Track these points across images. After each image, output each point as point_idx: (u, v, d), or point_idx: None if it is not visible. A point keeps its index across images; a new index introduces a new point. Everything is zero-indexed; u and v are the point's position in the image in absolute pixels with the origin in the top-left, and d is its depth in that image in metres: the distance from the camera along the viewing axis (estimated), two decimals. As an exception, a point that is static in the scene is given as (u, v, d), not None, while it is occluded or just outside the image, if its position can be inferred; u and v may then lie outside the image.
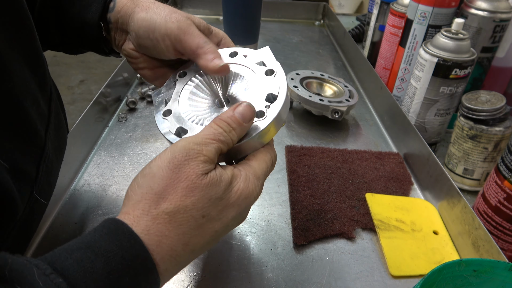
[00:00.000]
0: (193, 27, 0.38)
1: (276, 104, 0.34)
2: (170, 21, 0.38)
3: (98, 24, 0.42)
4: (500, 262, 0.32)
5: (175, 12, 0.40)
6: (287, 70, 0.89)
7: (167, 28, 0.38)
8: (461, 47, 0.56)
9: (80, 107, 2.23)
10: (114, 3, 0.42)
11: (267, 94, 0.35)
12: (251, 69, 0.38)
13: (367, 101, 0.80)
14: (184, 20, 0.38)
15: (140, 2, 0.41)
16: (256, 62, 0.38)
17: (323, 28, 1.21)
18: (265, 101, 0.35)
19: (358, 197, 0.53)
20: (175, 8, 0.41)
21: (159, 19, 0.38)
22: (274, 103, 0.34)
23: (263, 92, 0.35)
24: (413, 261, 0.45)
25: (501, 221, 0.46)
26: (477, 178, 0.57)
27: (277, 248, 0.46)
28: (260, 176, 0.32)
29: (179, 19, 0.38)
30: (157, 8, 0.40)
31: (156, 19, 0.38)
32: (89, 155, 0.59)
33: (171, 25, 0.38)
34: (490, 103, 0.53)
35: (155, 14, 0.39)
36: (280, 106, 0.34)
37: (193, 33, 0.38)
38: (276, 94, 0.35)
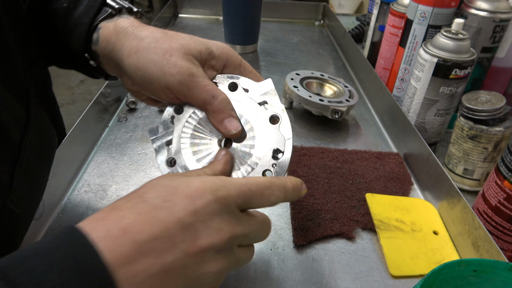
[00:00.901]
0: (195, 75, 0.34)
1: (283, 161, 0.33)
2: (169, 74, 0.33)
3: (83, 56, 0.38)
4: (500, 262, 0.32)
5: (171, 53, 0.34)
6: (287, 70, 0.90)
7: (167, 82, 0.34)
8: (461, 47, 0.56)
9: (80, 107, 2.23)
10: (98, 36, 0.37)
11: (273, 150, 0.34)
12: (254, 111, 0.35)
13: (367, 101, 0.80)
14: (184, 67, 0.34)
15: (126, 38, 0.36)
16: (258, 101, 0.36)
17: (323, 28, 1.21)
18: (272, 159, 0.33)
19: (358, 197, 0.53)
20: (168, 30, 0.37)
21: (155, 70, 0.34)
22: (280, 160, 0.33)
23: (269, 146, 0.34)
24: (413, 261, 0.45)
25: (501, 221, 0.46)
26: (477, 178, 0.57)
27: (277, 248, 0.46)
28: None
29: (179, 70, 0.33)
30: (148, 50, 0.34)
31: (152, 70, 0.34)
32: (89, 155, 0.59)
33: (170, 78, 0.33)
34: (490, 103, 0.53)
35: (148, 61, 0.34)
36: (286, 167, 0.33)
37: (198, 86, 0.34)
38: (282, 150, 0.34)
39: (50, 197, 0.48)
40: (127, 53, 0.35)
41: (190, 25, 1.16)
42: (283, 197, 0.31)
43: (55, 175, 0.49)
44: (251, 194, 0.29)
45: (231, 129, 0.34)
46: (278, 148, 0.33)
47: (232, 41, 0.97)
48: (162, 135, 0.36)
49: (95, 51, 0.38)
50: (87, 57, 0.38)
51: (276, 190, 0.30)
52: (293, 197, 0.32)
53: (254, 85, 0.36)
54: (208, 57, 0.36)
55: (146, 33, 0.36)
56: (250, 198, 0.29)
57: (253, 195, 0.29)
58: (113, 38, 0.36)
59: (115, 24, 0.37)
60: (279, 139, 0.34)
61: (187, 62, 0.34)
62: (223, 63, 0.38)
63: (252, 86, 0.36)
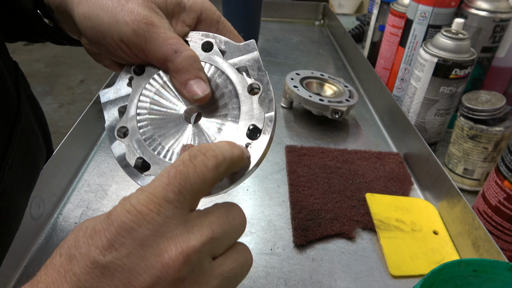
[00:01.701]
0: (155, 24, 0.28)
1: (259, 143, 0.27)
2: (123, 22, 0.27)
3: (35, 13, 0.33)
4: (500, 262, 0.32)
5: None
6: (287, 70, 0.90)
7: (120, 33, 0.28)
8: (461, 47, 0.56)
9: (80, 107, 2.23)
10: None
11: (248, 126, 0.27)
12: (230, 77, 0.29)
13: (367, 101, 0.80)
14: (142, 14, 0.28)
15: None
16: (237, 66, 0.29)
17: (323, 28, 1.21)
18: (246, 137, 0.27)
19: (358, 197, 0.53)
20: None
21: (107, 18, 0.28)
22: (257, 141, 0.27)
23: (245, 122, 0.27)
24: (413, 261, 0.45)
25: (501, 221, 0.46)
26: (477, 178, 0.57)
27: (277, 248, 0.46)
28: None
29: (135, 17, 0.28)
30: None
31: (103, 18, 0.28)
32: (89, 155, 0.59)
33: (124, 28, 0.27)
34: (490, 103, 0.53)
35: (100, 8, 0.28)
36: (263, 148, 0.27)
37: (158, 38, 0.28)
38: (261, 128, 0.27)
39: (50, 197, 0.48)
40: (78, 1, 0.29)
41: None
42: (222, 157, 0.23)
43: (55, 175, 0.49)
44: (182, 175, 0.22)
45: (197, 91, 0.27)
46: (255, 124, 0.27)
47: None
48: (116, 99, 0.30)
49: (48, 4, 0.33)
50: (39, 15, 0.33)
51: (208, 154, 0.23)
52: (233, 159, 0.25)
53: (234, 46, 0.30)
54: (177, 9, 0.30)
55: None
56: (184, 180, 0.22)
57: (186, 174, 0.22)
58: None
59: None
60: (258, 114, 0.27)
61: (146, 10, 0.28)
62: (196, 16, 0.31)
63: (231, 48, 0.30)
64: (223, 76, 0.29)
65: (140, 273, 0.20)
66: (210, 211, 0.23)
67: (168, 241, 0.21)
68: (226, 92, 0.29)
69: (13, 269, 0.41)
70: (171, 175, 0.22)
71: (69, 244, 0.21)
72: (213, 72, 0.30)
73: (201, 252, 0.21)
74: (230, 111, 0.28)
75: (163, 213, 0.21)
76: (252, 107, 0.28)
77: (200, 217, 0.23)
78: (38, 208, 0.45)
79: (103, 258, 0.19)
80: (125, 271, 0.20)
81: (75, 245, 0.20)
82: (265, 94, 0.28)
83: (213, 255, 0.23)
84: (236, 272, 0.23)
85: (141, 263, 0.20)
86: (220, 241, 0.23)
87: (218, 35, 0.31)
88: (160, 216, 0.21)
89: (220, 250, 0.23)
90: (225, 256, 0.23)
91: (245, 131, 0.27)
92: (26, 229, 0.43)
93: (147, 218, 0.20)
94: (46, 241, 0.45)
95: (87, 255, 0.20)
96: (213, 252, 0.23)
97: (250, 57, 0.30)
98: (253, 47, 0.30)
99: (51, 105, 2.24)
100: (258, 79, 0.29)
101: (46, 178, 0.47)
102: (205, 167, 0.22)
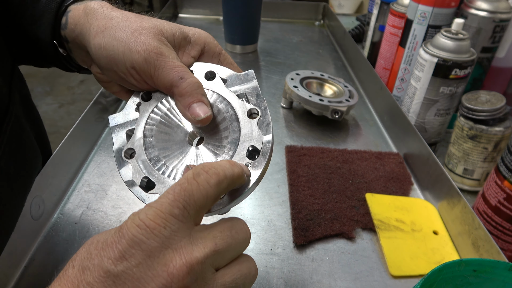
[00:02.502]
0: (164, 54, 0.31)
1: (258, 162, 0.29)
2: (136, 51, 0.30)
3: (51, 42, 0.36)
4: (500, 262, 0.32)
5: (140, 32, 0.31)
6: (287, 70, 0.90)
7: (132, 61, 0.31)
8: (461, 47, 0.56)
9: (80, 107, 2.23)
10: (66, 19, 0.35)
11: (248, 148, 0.29)
12: (231, 103, 0.31)
13: (367, 101, 0.80)
14: (152, 45, 0.31)
15: (95, 18, 0.33)
16: (237, 93, 0.32)
17: (323, 28, 1.21)
18: (246, 157, 0.29)
19: (358, 197, 0.53)
20: (144, 16, 0.34)
21: (121, 48, 0.31)
22: (256, 161, 0.29)
23: (244, 144, 0.29)
24: (413, 261, 0.45)
25: (501, 221, 0.46)
26: (477, 178, 0.57)
27: (277, 248, 0.46)
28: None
29: (146, 48, 0.30)
30: (116, 28, 0.32)
31: (118, 48, 0.31)
32: (89, 155, 0.59)
33: (136, 56, 0.30)
34: (490, 103, 0.53)
35: (115, 39, 0.31)
36: (262, 167, 0.29)
37: (165, 65, 0.30)
38: (259, 149, 0.29)
39: (50, 197, 0.48)
40: (94, 33, 0.32)
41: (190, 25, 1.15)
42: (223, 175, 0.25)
43: (55, 175, 0.49)
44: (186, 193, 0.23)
45: (200, 113, 0.29)
46: (254, 145, 0.29)
47: (232, 41, 0.97)
48: (124, 123, 0.32)
49: (64, 36, 0.36)
50: (55, 44, 0.36)
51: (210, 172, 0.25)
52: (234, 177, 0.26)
53: (234, 76, 0.33)
54: (183, 42, 0.34)
55: (117, 14, 0.33)
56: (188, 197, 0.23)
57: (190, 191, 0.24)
58: (81, 20, 0.34)
59: (85, 6, 0.35)
60: (257, 136, 0.30)
61: (156, 41, 0.31)
62: (200, 49, 0.34)
63: (231, 77, 0.33)
64: (225, 102, 0.31)
65: (148, 281, 0.21)
66: (214, 225, 0.25)
67: (174, 252, 0.22)
68: (227, 117, 0.31)
69: (13, 269, 0.41)
70: (177, 192, 0.23)
71: (81, 256, 0.22)
72: (215, 98, 0.32)
73: (204, 263, 0.23)
74: (230, 133, 0.30)
75: (169, 227, 0.22)
76: (251, 130, 0.30)
77: (204, 231, 0.24)
78: (38, 208, 0.45)
79: (115, 268, 0.21)
80: (135, 279, 0.21)
81: (88, 257, 0.22)
82: (263, 118, 0.31)
83: (216, 266, 0.24)
84: (238, 282, 0.24)
85: (149, 273, 0.21)
86: (223, 253, 0.24)
87: (220, 66, 0.34)
88: (166, 230, 0.22)
89: (223, 262, 0.24)
90: (228, 267, 0.25)
91: (245, 152, 0.29)
92: (26, 229, 0.43)
93: (155, 231, 0.22)
94: (46, 241, 0.45)
95: (100, 266, 0.21)
96: (216, 264, 0.24)
97: (249, 85, 0.32)
98: (252, 76, 0.33)
99: (51, 105, 2.24)
100: (257, 105, 0.31)
101: (46, 178, 0.47)
102: (207, 184, 0.24)
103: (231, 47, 0.98)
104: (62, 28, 0.35)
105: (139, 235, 0.22)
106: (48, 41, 0.36)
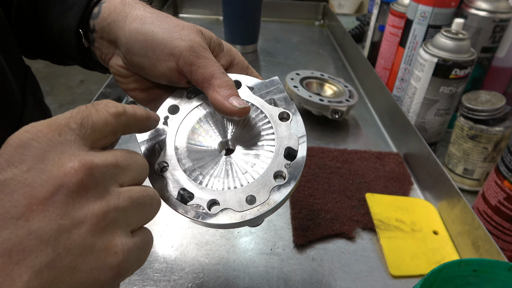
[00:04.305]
0: (207, 49, 0.31)
1: (297, 162, 0.29)
2: (179, 38, 0.31)
3: (76, 32, 0.35)
4: (500, 262, 0.32)
5: (182, 27, 0.32)
6: (287, 70, 0.90)
7: (174, 46, 0.30)
8: (461, 47, 0.56)
9: (80, 107, 2.22)
10: (100, 9, 0.35)
11: (285, 149, 0.30)
12: (260, 108, 0.32)
13: (367, 101, 0.80)
14: (197, 39, 0.31)
15: (133, 8, 0.33)
16: (265, 99, 0.32)
17: (323, 28, 1.21)
18: (284, 159, 0.30)
19: (358, 197, 0.53)
20: (178, 18, 0.34)
21: (162, 33, 0.31)
22: (294, 161, 0.29)
23: (281, 145, 0.30)
24: (413, 261, 0.45)
25: (501, 221, 0.46)
26: (477, 178, 0.57)
27: (277, 248, 0.46)
28: None
29: (192, 37, 0.31)
30: (156, 19, 0.32)
31: (158, 33, 0.31)
32: (89, 155, 0.59)
33: (180, 43, 0.30)
34: (490, 103, 0.53)
35: (156, 26, 0.31)
36: (301, 167, 0.29)
37: (209, 57, 0.31)
38: (296, 149, 0.30)
39: (50, 197, 0.48)
40: (131, 20, 0.32)
41: (190, 25, 1.16)
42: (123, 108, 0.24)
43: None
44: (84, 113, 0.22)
45: (239, 103, 0.30)
46: (291, 146, 0.30)
47: (232, 41, 0.97)
48: (153, 137, 0.31)
49: (93, 26, 0.35)
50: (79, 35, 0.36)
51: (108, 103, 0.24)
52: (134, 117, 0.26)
53: (260, 83, 0.34)
54: (217, 48, 0.34)
55: (156, 10, 0.34)
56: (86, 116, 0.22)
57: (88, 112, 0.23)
58: (118, 9, 0.34)
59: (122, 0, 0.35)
60: (291, 137, 0.30)
61: (199, 37, 0.32)
62: (230, 60, 0.35)
63: (257, 85, 0.34)
64: (254, 108, 0.32)
65: (42, 184, 0.19)
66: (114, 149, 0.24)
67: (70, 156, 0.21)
68: (259, 121, 0.32)
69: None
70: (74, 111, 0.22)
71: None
72: None
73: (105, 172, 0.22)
74: (265, 137, 0.31)
75: (64, 136, 0.21)
76: (284, 132, 0.31)
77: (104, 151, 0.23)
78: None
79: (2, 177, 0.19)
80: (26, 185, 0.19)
81: None
82: (295, 119, 0.31)
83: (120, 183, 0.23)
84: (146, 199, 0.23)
85: (43, 175, 0.20)
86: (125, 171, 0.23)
87: (244, 75, 0.34)
88: (61, 137, 0.21)
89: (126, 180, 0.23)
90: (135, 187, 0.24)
91: (282, 154, 0.30)
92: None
93: (48, 136, 0.20)
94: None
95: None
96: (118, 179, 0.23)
97: (276, 90, 0.33)
98: (278, 82, 0.33)
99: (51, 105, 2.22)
100: (287, 108, 0.32)
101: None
102: (106, 112, 0.23)
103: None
104: (92, 17, 0.35)
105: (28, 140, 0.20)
106: (74, 31, 0.35)
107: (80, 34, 0.36)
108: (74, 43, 0.36)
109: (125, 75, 0.35)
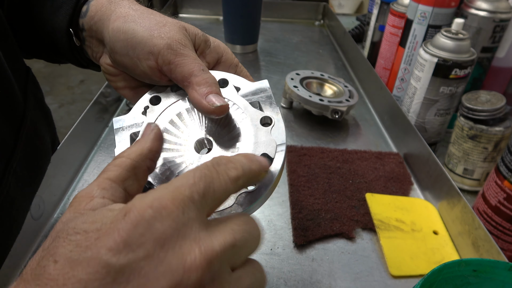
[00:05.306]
0: (187, 47, 0.31)
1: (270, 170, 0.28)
2: (158, 37, 0.30)
3: (67, 31, 0.35)
4: (500, 262, 0.32)
5: (164, 24, 0.31)
6: (287, 70, 0.90)
7: (153, 45, 0.30)
8: (461, 47, 0.56)
9: (80, 107, 2.23)
10: (88, 7, 0.35)
11: (261, 155, 0.28)
12: (243, 110, 0.31)
13: (367, 101, 0.80)
14: (177, 36, 0.30)
15: (118, 6, 0.33)
16: (250, 101, 0.31)
17: (323, 28, 1.21)
18: None
19: (358, 197, 0.53)
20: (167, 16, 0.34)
21: (142, 32, 0.30)
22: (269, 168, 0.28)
23: (256, 151, 0.29)
24: (413, 261, 0.45)
25: (501, 221, 0.46)
26: (477, 178, 0.57)
27: (277, 248, 0.46)
28: None
29: (171, 34, 0.30)
30: (139, 17, 0.31)
31: (138, 31, 0.30)
32: (89, 155, 0.59)
33: (158, 41, 0.30)
34: (490, 103, 0.53)
35: (137, 24, 0.31)
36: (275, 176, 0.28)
37: (188, 54, 0.30)
38: (272, 157, 0.28)
39: (50, 197, 0.48)
40: (114, 18, 0.32)
41: (190, 25, 1.16)
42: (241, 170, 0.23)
43: (55, 175, 0.49)
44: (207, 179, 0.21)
45: (216, 101, 0.28)
46: (267, 153, 0.28)
47: (232, 41, 0.97)
48: (129, 126, 0.30)
49: (82, 25, 0.35)
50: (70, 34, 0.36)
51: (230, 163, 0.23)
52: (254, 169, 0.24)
53: (247, 84, 0.32)
54: (203, 45, 0.33)
55: (141, 7, 0.33)
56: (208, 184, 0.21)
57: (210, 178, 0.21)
58: (104, 7, 0.33)
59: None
60: (269, 143, 0.29)
61: (181, 34, 0.31)
62: (217, 57, 0.34)
63: (244, 85, 0.32)
64: (238, 110, 0.31)
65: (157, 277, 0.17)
66: (230, 218, 0.22)
67: (191, 243, 0.18)
68: (240, 123, 0.30)
69: (13, 269, 0.41)
70: (197, 176, 0.20)
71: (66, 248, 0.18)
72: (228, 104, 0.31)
73: (223, 259, 0.19)
74: (242, 140, 0.30)
75: (187, 213, 0.19)
76: (263, 138, 0.29)
77: (220, 224, 0.21)
78: (38, 208, 0.45)
79: (116, 261, 0.17)
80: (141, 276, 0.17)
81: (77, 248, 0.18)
82: (277, 126, 0.30)
83: (232, 265, 0.21)
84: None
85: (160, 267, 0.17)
86: (240, 249, 0.21)
87: (233, 75, 0.33)
88: (184, 216, 0.19)
89: (239, 260, 0.21)
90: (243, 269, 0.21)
91: None
92: (26, 229, 0.43)
93: (172, 215, 0.18)
94: (46, 241, 0.45)
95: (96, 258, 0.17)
96: (232, 262, 0.21)
97: (263, 94, 0.32)
98: (266, 85, 0.32)
99: (51, 105, 2.23)
100: (271, 113, 0.30)
101: (46, 178, 0.47)
102: (227, 176, 0.22)
103: (231, 47, 0.98)
104: (81, 16, 0.35)
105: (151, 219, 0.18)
106: (64, 30, 0.35)
107: (71, 33, 0.36)
108: (66, 42, 0.36)
109: (114, 74, 0.35)
